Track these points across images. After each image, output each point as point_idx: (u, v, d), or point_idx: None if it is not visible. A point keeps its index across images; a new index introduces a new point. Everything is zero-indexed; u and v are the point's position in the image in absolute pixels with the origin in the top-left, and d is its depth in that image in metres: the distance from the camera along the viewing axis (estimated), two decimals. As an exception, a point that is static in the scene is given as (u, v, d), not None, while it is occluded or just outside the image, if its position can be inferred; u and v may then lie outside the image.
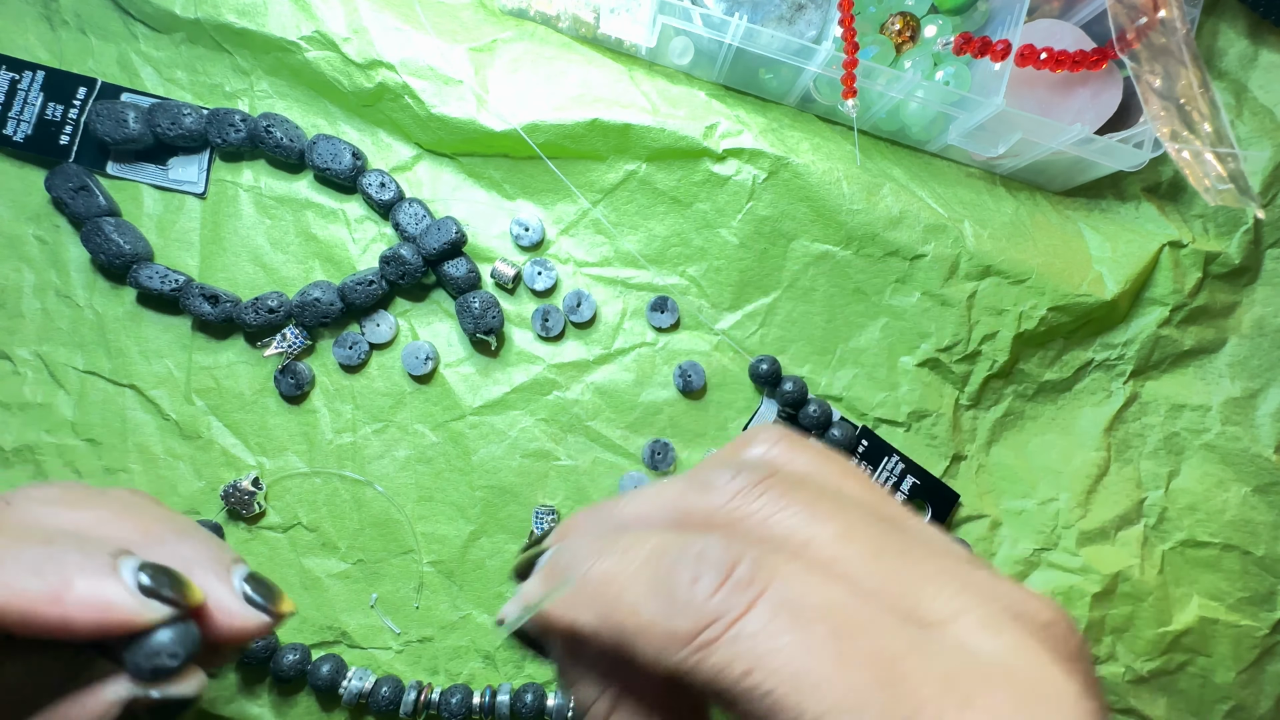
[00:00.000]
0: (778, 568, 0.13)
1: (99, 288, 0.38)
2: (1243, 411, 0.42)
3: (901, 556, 0.14)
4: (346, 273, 0.39)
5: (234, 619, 0.17)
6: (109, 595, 0.15)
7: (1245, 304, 0.42)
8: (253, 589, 0.18)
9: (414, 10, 0.37)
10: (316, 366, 0.39)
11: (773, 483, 0.15)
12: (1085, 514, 0.41)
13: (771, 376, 0.39)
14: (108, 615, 0.15)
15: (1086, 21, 0.37)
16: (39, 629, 0.15)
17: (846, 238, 0.39)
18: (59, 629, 0.15)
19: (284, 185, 0.39)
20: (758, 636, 0.12)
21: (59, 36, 0.38)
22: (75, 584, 0.15)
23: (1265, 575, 0.41)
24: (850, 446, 0.39)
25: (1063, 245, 0.40)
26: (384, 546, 0.38)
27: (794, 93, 0.39)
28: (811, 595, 0.13)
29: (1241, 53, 0.40)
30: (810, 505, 0.14)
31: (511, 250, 0.40)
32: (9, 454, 0.37)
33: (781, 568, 0.13)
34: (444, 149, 0.39)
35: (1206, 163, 0.31)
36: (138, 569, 0.16)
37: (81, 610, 0.15)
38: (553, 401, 0.39)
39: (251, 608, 0.18)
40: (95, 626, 0.15)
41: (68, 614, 0.15)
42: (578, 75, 0.37)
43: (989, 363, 0.40)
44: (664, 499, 0.16)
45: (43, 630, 0.15)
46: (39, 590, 0.14)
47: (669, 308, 0.40)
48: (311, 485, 0.39)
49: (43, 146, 0.37)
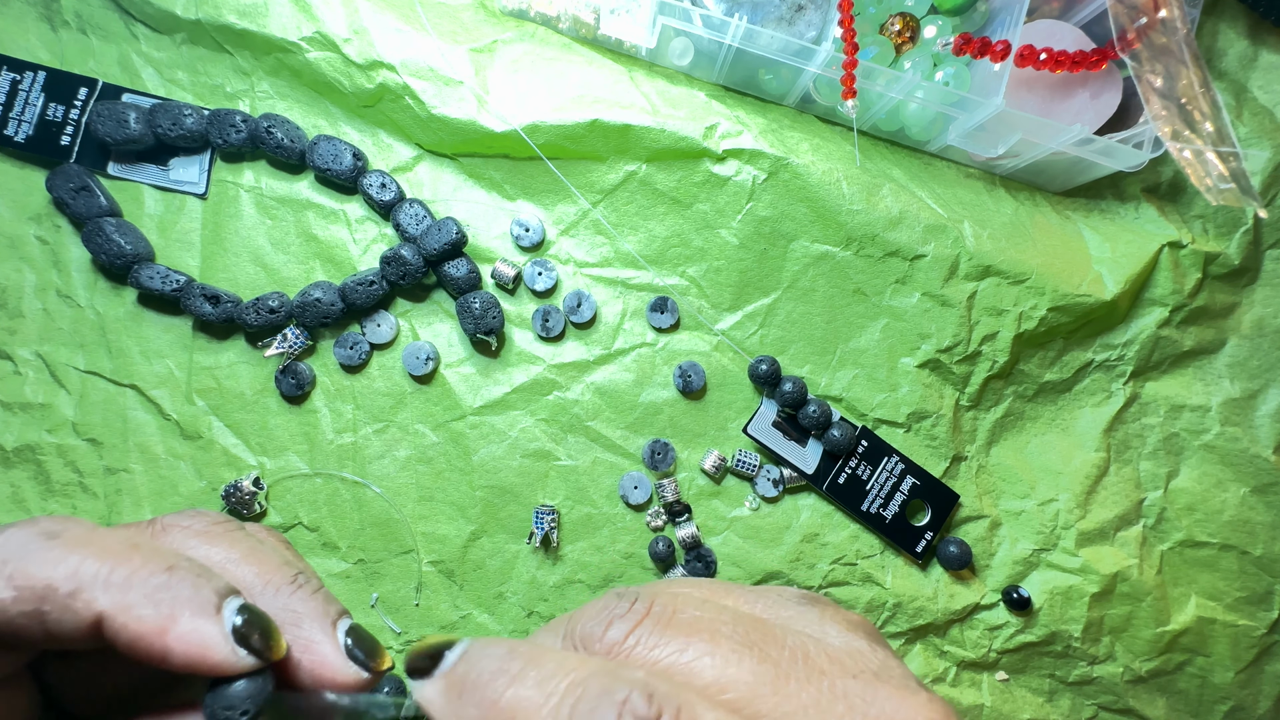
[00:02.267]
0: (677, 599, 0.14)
1: (100, 288, 0.38)
2: (1242, 412, 0.42)
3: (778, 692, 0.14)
4: (347, 273, 0.39)
5: (335, 673, 0.18)
6: (206, 637, 0.16)
7: (1245, 304, 0.42)
8: (354, 644, 0.19)
9: (415, 11, 0.37)
10: (317, 367, 0.39)
11: (644, 628, 0.15)
12: (1084, 514, 0.41)
13: (771, 377, 0.39)
14: (201, 656, 0.16)
15: (1086, 22, 0.37)
16: (141, 655, 0.16)
17: (846, 238, 0.39)
18: (158, 659, 0.16)
19: (285, 186, 0.39)
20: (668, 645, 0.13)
21: (60, 37, 0.38)
22: (181, 620, 0.15)
23: (1263, 575, 0.41)
24: (850, 447, 0.39)
25: (1062, 245, 0.40)
26: (384, 546, 0.39)
27: (794, 93, 0.39)
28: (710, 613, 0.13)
29: (1241, 53, 0.40)
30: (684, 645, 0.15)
31: (512, 251, 0.40)
32: (10, 454, 0.37)
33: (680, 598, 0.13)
34: (444, 150, 0.39)
35: (1208, 162, 0.31)
36: (237, 610, 0.16)
37: (181, 646, 0.15)
38: (553, 402, 0.40)
39: (353, 663, 0.18)
40: (188, 664, 0.16)
41: (169, 647, 0.15)
42: (578, 76, 0.37)
43: (989, 363, 0.40)
44: None
45: (144, 658, 0.16)
46: (151, 620, 0.15)
47: (669, 308, 0.40)
48: (312, 485, 0.39)
49: (44, 147, 0.37)
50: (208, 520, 0.19)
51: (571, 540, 0.39)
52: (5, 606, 0.15)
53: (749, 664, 0.14)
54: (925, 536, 0.40)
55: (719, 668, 0.14)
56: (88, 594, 0.15)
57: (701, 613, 0.15)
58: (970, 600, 0.40)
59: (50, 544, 0.15)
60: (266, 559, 0.19)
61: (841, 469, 0.40)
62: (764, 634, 0.15)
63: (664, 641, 0.15)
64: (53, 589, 0.15)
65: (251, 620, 0.16)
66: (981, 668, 0.41)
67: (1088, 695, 0.41)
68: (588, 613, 0.16)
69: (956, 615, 0.40)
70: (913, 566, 0.41)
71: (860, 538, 0.40)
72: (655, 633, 0.15)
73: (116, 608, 0.15)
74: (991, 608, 0.41)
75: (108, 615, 0.15)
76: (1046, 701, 0.41)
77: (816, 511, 0.40)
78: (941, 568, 0.41)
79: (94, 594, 0.15)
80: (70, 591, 0.15)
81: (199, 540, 0.18)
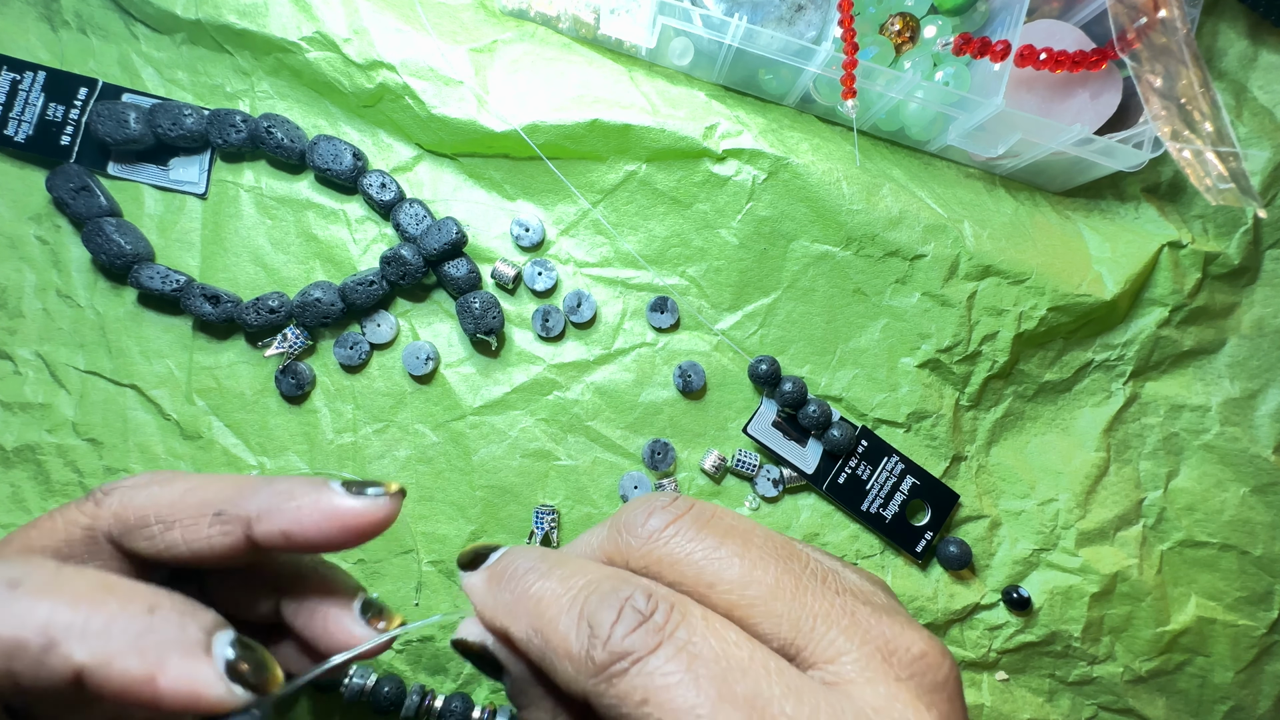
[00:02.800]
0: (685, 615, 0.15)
1: (100, 288, 0.38)
2: (1242, 412, 0.42)
3: (795, 597, 0.16)
4: (347, 273, 0.39)
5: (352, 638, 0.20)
6: (198, 679, 0.15)
7: (1245, 304, 0.42)
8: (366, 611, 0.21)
9: (415, 11, 0.37)
10: (317, 367, 0.39)
11: (684, 522, 0.17)
12: (1084, 514, 0.41)
13: (771, 377, 0.39)
14: (195, 699, 0.15)
15: (1086, 21, 0.37)
16: (129, 704, 0.15)
17: (846, 238, 0.39)
18: (150, 706, 0.15)
19: (285, 186, 0.39)
20: (655, 674, 0.14)
21: (60, 37, 0.38)
22: (169, 664, 0.15)
23: (1263, 575, 0.41)
24: (850, 447, 0.39)
25: (1062, 245, 0.40)
26: (384, 546, 0.39)
27: (794, 93, 0.39)
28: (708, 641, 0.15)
29: (1241, 53, 0.40)
30: (717, 545, 0.16)
31: (512, 251, 0.40)
32: (10, 454, 0.37)
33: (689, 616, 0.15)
34: (444, 150, 0.39)
35: (1208, 162, 0.31)
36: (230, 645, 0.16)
37: (172, 691, 0.15)
38: (553, 401, 0.40)
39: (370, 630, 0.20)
40: (180, 708, 0.15)
41: (158, 694, 0.15)
42: (578, 76, 0.37)
43: (989, 363, 0.40)
44: (595, 539, 0.18)
45: (134, 705, 0.15)
46: (137, 669, 0.15)
47: (669, 308, 0.40)
48: (312, 485, 0.39)
49: (44, 147, 0.37)
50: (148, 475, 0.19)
51: (571, 540, 0.39)
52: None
53: (773, 570, 0.16)
54: (925, 536, 0.40)
55: (746, 569, 0.16)
56: (63, 648, 0.14)
57: (737, 522, 0.17)
58: (970, 600, 0.40)
59: (14, 595, 0.14)
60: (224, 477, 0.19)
61: (841, 469, 0.40)
62: (790, 552, 0.17)
63: (700, 538, 0.16)
64: (22, 646, 0.14)
65: (244, 653, 0.16)
66: (981, 668, 0.41)
67: (1088, 695, 0.41)
68: (633, 504, 0.18)
69: (956, 615, 0.40)
70: (913, 566, 0.41)
71: (860, 538, 0.40)
72: (694, 527, 0.16)
73: (97, 660, 0.14)
74: (991, 608, 0.41)
75: (88, 669, 0.14)
76: (1046, 701, 0.41)
77: (816, 511, 0.40)
78: (941, 568, 0.41)
79: (70, 647, 0.14)
80: (43, 646, 0.14)
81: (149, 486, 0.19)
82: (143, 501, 0.19)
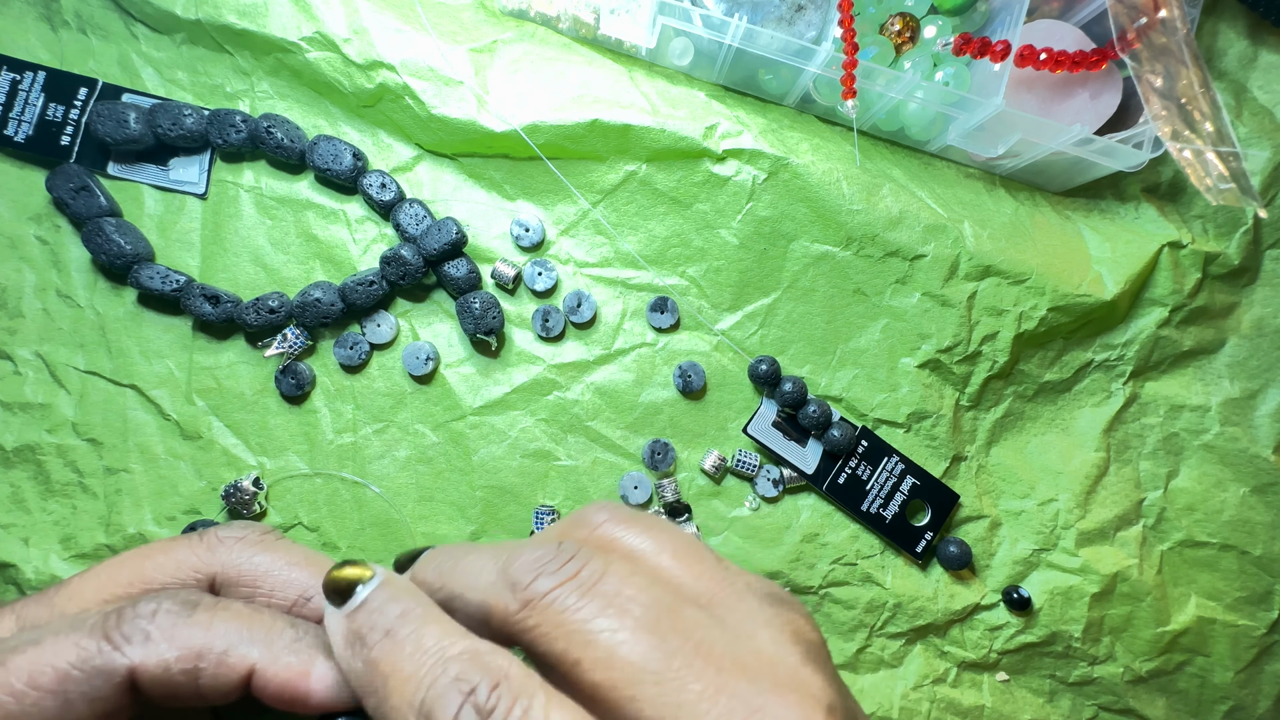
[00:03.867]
0: (527, 712, 0.15)
1: (100, 288, 0.38)
2: (1241, 412, 0.42)
3: (661, 680, 0.16)
4: (347, 273, 0.39)
5: None
6: (335, 678, 0.18)
7: (1244, 304, 0.42)
8: None
9: (414, 11, 0.37)
10: (317, 367, 0.39)
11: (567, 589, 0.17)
12: (1084, 514, 0.41)
13: (771, 377, 0.39)
14: (334, 695, 0.18)
15: (1086, 21, 0.37)
16: (285, 700, 0.17)
17: (846, 238, 0.39)
18: (300, 702, 0.17)
19: (285, 186, 0.39)
20: (579, 611, 0.15)
21: (60, 37, 0.38)
22: (317, 664, 0.18)
23: (1263, 575, 0.41)
24: (850, 447, 0.39)
25: (1062, 245, 0.40)
26: (384, 546, 0.39)
27: (794, 93, 0.39)
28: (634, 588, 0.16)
29: (1241, 53, 0.40)
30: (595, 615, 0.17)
31: (512, 251, 0.40)
32: (10, 454, 0.37)
33: (530, 713, 0.15)
34: (444, 150, 0.39)
35: (1208, 162, 0.31)
36: None
37: (321, 686, 0.17)
38: (553, 402, 0.40)
39: None
40: (325, 703, 0.18)
41: (310, 689, 0.17)
42: (578, 76, 0.37)
43: (989, 363, 0.40)
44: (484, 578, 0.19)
45: (286, 701, 0.17)
46: (296, 666, 0.17)
47: (669, 308, 0.40)
48: (312, 485, 0.39)
49: (44, 147, 0.37)
50: (257, 531, 0.21)
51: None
52: (168, 664, 0.17)
53: (643, 647, 0.16)
54: (925, 536, 0.40)
55: (614, 645, 0.16)
56: (240, 649, 0.17)
57: (622, 587, 0.17)
58: (970, 600, 0.40)
59: (195, 613, 0.17)
60: (316, 561, 0.21)
61: (841, 469, 0.40)
62: (673, 621, 0.16)
63: (579, 606, 0.16)
64: (209, 649, 0.17)
65: None
66: (982, 668, 0.41)
67: (1088, 695, 0.41)
68: (527, 557, 0.18)
69: (957, 615, 0.40)
70: (913, 566, 0.41)
71: (860, 538, 0.40)
72: (574, 595, 0.16)
73: (266, 659, 0.17)
74: (992, 608, 0.41)
75: (260, 667, 0.17)
76: (1047, 702, 0.41)
77: (816, 511, 0.40)
78: (941, 568, 0.41)
79: (245, 650, 0.17)
80: (224, 649, 0.17)
81: (255, 549, 0.20)
82: (254, 566, 0.20)
